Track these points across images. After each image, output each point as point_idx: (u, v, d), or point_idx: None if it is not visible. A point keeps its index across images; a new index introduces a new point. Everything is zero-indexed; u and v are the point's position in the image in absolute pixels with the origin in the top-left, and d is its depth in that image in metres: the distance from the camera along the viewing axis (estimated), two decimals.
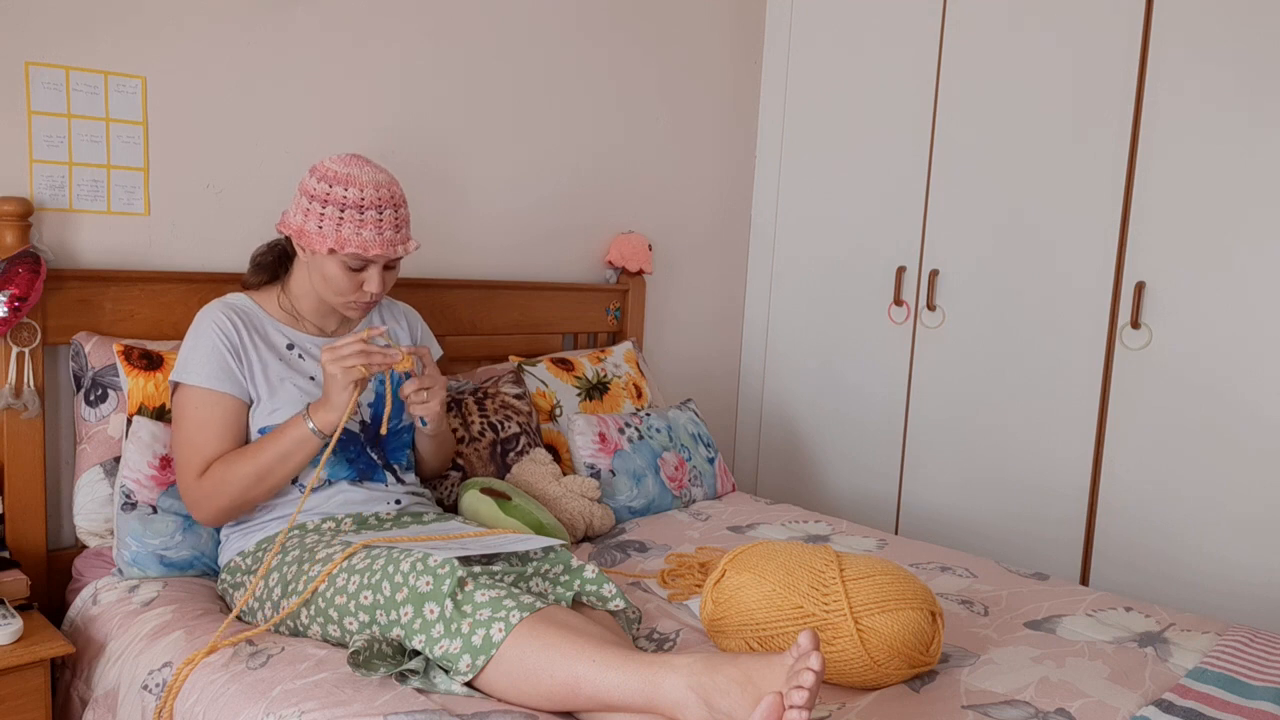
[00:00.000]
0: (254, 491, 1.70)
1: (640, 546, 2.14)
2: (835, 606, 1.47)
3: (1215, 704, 1.47)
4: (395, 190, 1.76)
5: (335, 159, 1.76)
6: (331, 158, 1.76)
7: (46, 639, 1.59)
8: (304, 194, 1.74)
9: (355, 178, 1.72)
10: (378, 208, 1.72)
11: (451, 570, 1.42)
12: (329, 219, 1.71)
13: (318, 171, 1.74)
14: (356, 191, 1.71)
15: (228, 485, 1.68)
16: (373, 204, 1.71)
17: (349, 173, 1.72)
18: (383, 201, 1.73)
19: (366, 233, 1.71)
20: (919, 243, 2.91)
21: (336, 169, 1.73)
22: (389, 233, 1.74)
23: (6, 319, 1.74)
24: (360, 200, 1.70)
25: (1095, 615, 1.85)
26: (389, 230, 1.74)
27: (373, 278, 1.77)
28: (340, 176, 1.72)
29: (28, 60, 1.85)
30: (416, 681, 1.37)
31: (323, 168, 1.74)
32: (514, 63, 2.61)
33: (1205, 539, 2.42)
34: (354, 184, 1.71)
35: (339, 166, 1.73)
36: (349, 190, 1.71)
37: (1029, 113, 2.66)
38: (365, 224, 1.71)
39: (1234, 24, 2.32)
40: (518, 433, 2.30)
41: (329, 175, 1.73)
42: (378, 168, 1.76)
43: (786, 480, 3.29)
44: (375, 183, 1.73)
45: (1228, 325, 2.37)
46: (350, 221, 1.70)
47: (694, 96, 3.08)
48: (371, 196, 1.71)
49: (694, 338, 3.23)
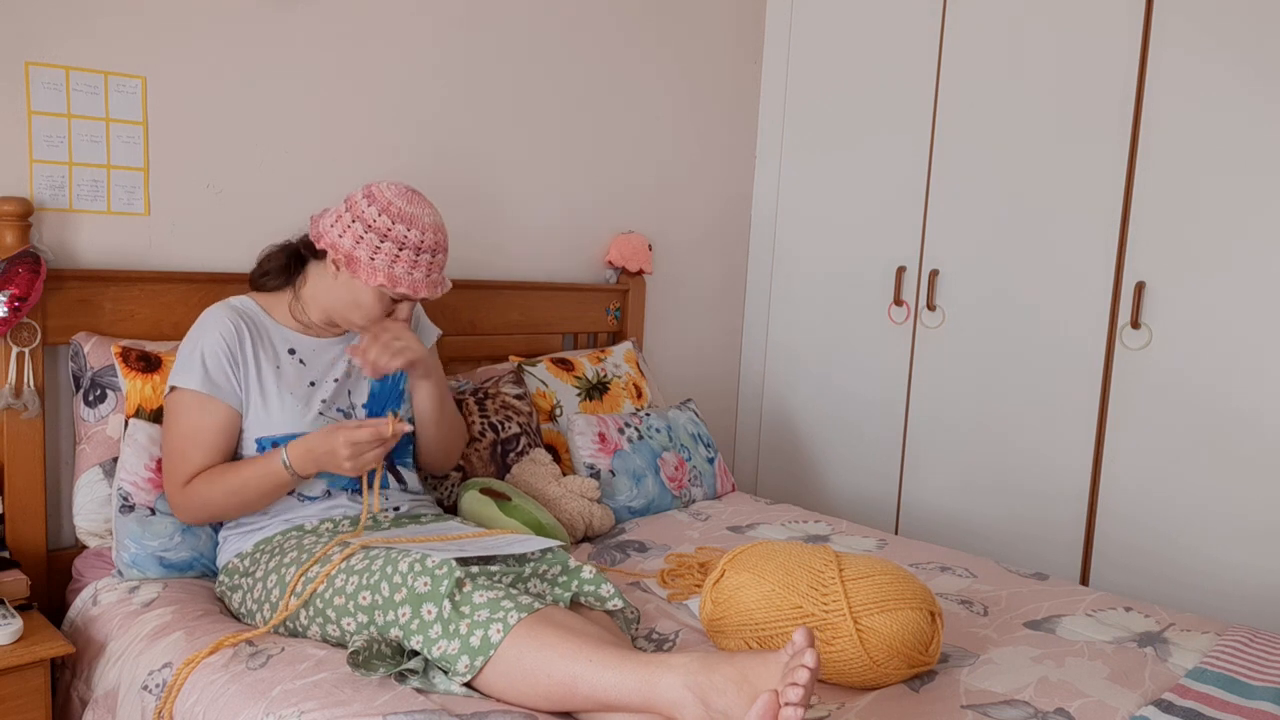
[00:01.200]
0: (234, 511, 1.73)
1: (640, 546, 2.14)
2: (834, 606, 1.47)
3: (1215, 704, 1.47)
4: (443, 237, 1.78)
5: (394, 190, 1.76)
6: (390, 186, 1.76)
7: (46, 639, 1.59)
8: (359, 220, 1.73)
9: (417, 219, 1.73)
10: (433, 251, 1.75)
11: (449, 571, 1.42)
12: (383, 254, 1.71)
13: (378, 202, 1.73)
14: (418, 234, 1.73)
15: (207, 503, 1.71)
16: (429, 248, 1.74)
17: (412, 212, 1.73)
18: (438, 246, 1.76)
19: (418, 274, 1.74)
20: (919, 243, 2.91)
21: (400, 206, 1.73)
22: (436, 275, 1.78)
23: (6, 319, 1.74)
24: (420, 243, 1.73)
25: (1095, 615, 1.85)
26: (437, 273, 1.78)
27: (404, 309, 1.82)
28: (404, 215, 1.73)
29: (28, 60, 1.85)
30: (415, 681, 1.37)
31: (383, 199, 1.74)
32: (514, 63, 2.61)
33: (1205, 539, 2.41)
34: (416, 225, 1.73)
35: (401, 203, 1.74)
36: (410, 231, 1.72)
37: (1029, 112, 2.66)
38: (419, 266, 1.73)
39: (1234, 24, 2.32)
40: (518, 433, 2.30)
41: (390, 210, 1.73)
42: (433, 208, 1.79)
43: (786, 480, 3.29)
44: (435, 227, 1.76)
45: (1228, 325, 2.37)
46: (405, 262, 1.72)
47: (694, 96, 3.08)
48: (430, 241, 1.74)
49: (694, 338, 3.23)
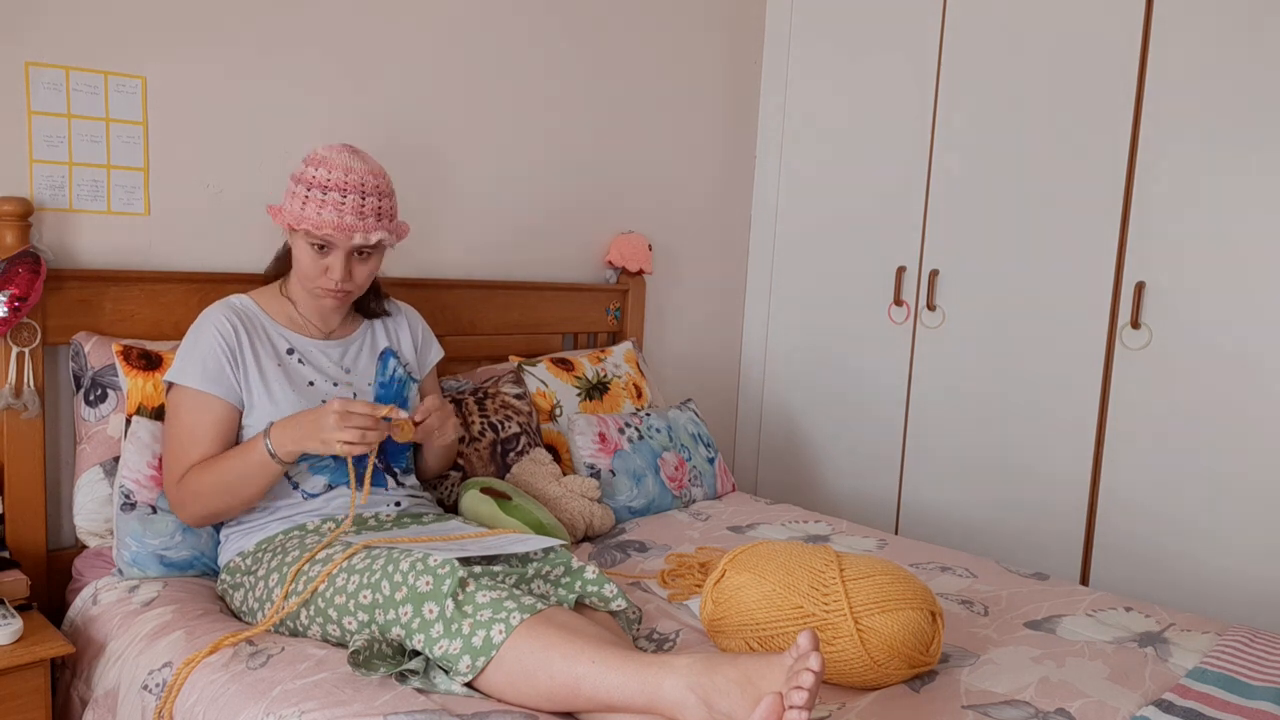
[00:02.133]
0: (227, 504, 1.70)
1: (640, 546, 2.14)
2: (835, 606, 1.47)
3: (1215, 704, 1.47)
4: (369, 180, 1.76)
5: (327, 145, 1.79)
6: (326, 145, 1.79)
7: (46, 639, 1.59)
8: (291, 178, 1.78)
9: (328, 160, 1.75)
10: (341, 190, 1.73)
11: (452, 570, 1.42)
12: (297, 196, 1.74)
13: (308, 156, 1.78)
14: (325, 173, 1.73)
15: (199, 496, 1.69)
16: (338, 186, 1.73)
17: (325, 155, 1.76)
18: (349, 186, 1.74)
19: (326, 213, 1.72)
20: (919, 243, 2.91)
21: (320, 152, 1.77)
22: (350, 218, 1.73)
23: (6, 319, 1.74)
24: (326, 181, 1.73)
25: (1095, 615, 1.85)
26: (350, 215, 1.73)
27: (335, 264, 1.77)
28: (317, 158, 1.76)
29: (28, 60, 1.85)
30: (416, 681, 1.37)
31: (311, 153, 1.78)
32: (515, 62, 2.61)
33: (1205, 539, 2.42)
34: (325, 165, 1.74)
35: (324, 150, 1.77)
36: (318, 170, 1.74)
37: (1029, 112, 2.66)
38: (326, 205, 1.72)
39: (1234, 24, 2.32)
40: (518, 433, 2.30)
41: (310, 157, 1.77)
42: (363, 158, 1.78)
43: (786, 480, 3.29)
44: (346, 167, 1.75)
45: (1228, 325, 2.37)
46: (313, 201, 1.73)
47: (694, 96, 3.08)
48: (339, 179, 1.73)
49: (694, 338, 3.23)
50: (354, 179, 1.74)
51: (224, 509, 1.71)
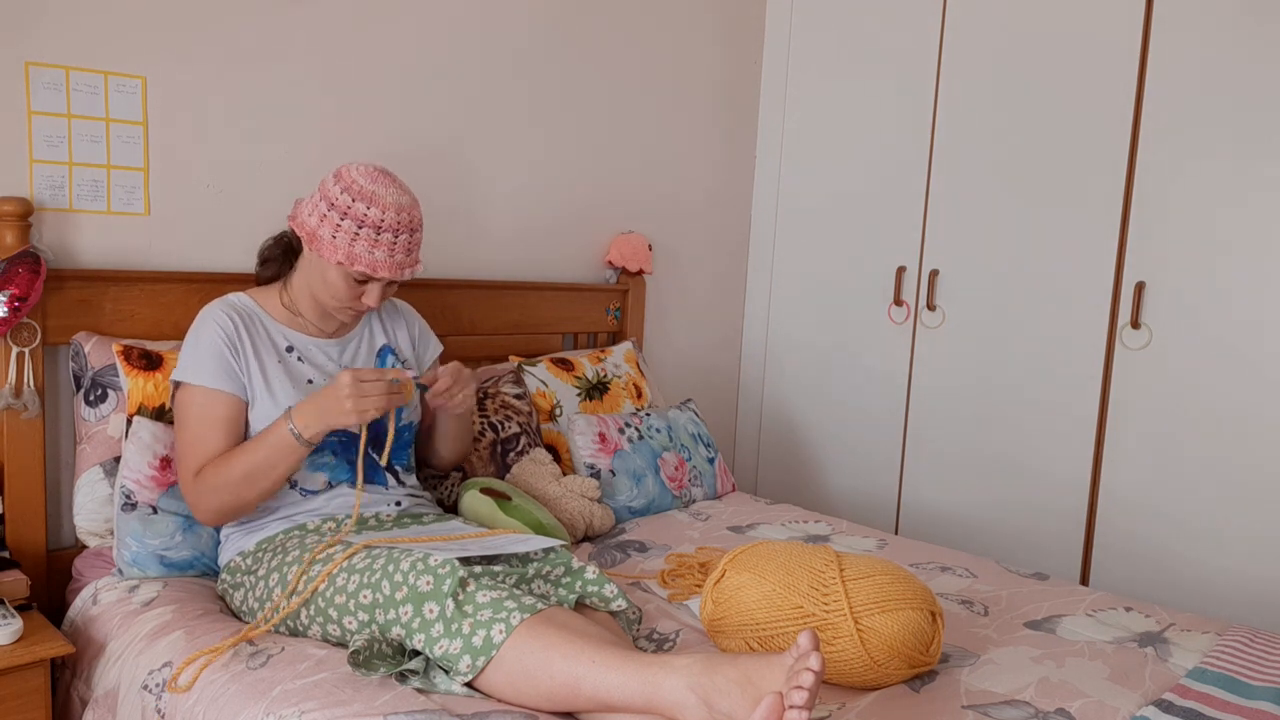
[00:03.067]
0: (247, 493, 1.68)
1: (640, 546, 2.14)
2: (835, 606, 1.47)
3: (1215, 704, 1.47)
4: (415, 215, 1.76)
5: (362, 170, 1.74)
6: (358, 167, 1.75)
7: (46, 639, 1.59)
8: (324, 199, 1.73)
9: (379, 197, 1.71)
10: (394, 231, 1.71)
11: (452, 570, 1.42)
12: (344, 232, 1.70)
13: (342, 180, 1.73)
14: (378, 212, 1.70)
15: (219, 488, 1.68)
16: (390, 227, 1.71)
17: (374, 190, 1.71)
18: (400, 226, 1.72)
19: (379, 253, 1.71)
20: (919, 243, 2.91)
21: (362, 183, 1.71)
22: (400, 256, 1.74)
23: (6, 319, 1.74)
24: (380, 221, 1.70)
25: (1095, 615, 1.85)
26: (400, 254, 1.74)
27: (373, 292, 1.78)
28: (365, 193, 1.70)
29: (28, 60, 1.85)
30: (416, 681, 1.37)
31: (348, 177, 1.73)
32: (516, 63, 2.61)
33: (1205, 538, 2.42)
34: (376, 204, 1.70)
35: (365, 181, 1.72)
36: (370, 209, 1.70)
37: (1029, 112, 2.66)
38: (379, 245, 1.70)
39: (1234, 24, 2.32)
40: (518, 433, 2.30)
41: (353, 188, 1.71)
42: (402, 188, 1.76)
43: (786, 480, 3.29)
44: (397, 205, 1.72)
45: (1228, 325, 2.37)
46: (365, 240, 1.70)
47: (694, 97, 3.08)
48: (391, 220, 1.71)
49: (694, 338, 3.23)
50: (404, 218, 1.73)
51: (244, 501, 1.69)
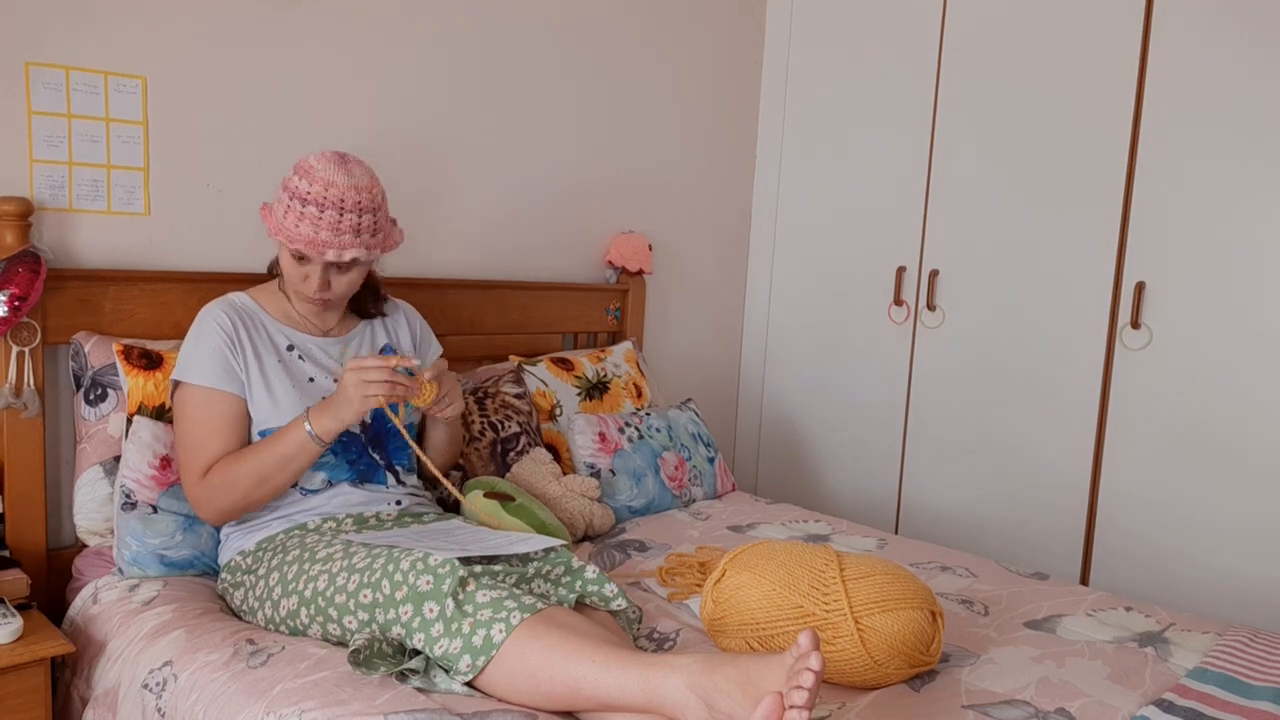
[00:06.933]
0: (257, 493, 1.70)
1: (640, 546, 2.14)
2: (835, 606, 1.47)
3: (1215, 704, 1.47)
4: (350, 195, 1.71)
5: (319, 154, 1.75)
6: (318, 152, 1.76)
7: (46, 638, 1.59)
8: (283, 182, 1.76)
9: (316, 173, 1.71)
10: (320, 205, 1.69)
11: (452, 570, 1.42)
12: (281, 204, 1.73)
13: (299, 164, 1.75)
14: (306, 185, 1.70)
15: (230, 487, 1.68)
16: (316, 201, 1.69)
17: (311, 166, 1.72)
18: (328, 201, 1.69)
19: (305, 227, 1.70)
20: (919, 243, 2.91)
21: (310, 162, 1.73)
22: (326, 234, 1.70)
23: (6, 319, 1.74)
24: (307, 194, 1.70)
25: (1095, 615, 1.85)
26: (327, 231, 1.70)
27: (312, 274, 1.76)
28: (305, 169, 1.72)
29: (28, 60, 1.85)
30: (417, 681, 1.37)
31: (304, 161, 1.74)
32: (515, 62, 2.61)
33: (1205, 538, 2.41)
34: (309, 177, 1.71)
35: (313, 160, 1.73)
36: (301, 182, 1.71)
37: (1029, 112, 2.66)
38: (305, 219, 1.70)
39: (1234, 23, 2.32)
40: (518, 432, 2.30)
41: (299, 165, 1.74)
42: (350, 171, 1.73)
43: (786, 480, 3.29)
44: (327, 181, 1.70)
45: (1228, 325, 2.37)
46: (293, 212, 1.70)
47: (694, 96, 3.08)
48: (318, 194, 1.69)
49: (694, 338, 3.23)
50: (334, 194, 1.70)
51: (253, 501, 1.71)
